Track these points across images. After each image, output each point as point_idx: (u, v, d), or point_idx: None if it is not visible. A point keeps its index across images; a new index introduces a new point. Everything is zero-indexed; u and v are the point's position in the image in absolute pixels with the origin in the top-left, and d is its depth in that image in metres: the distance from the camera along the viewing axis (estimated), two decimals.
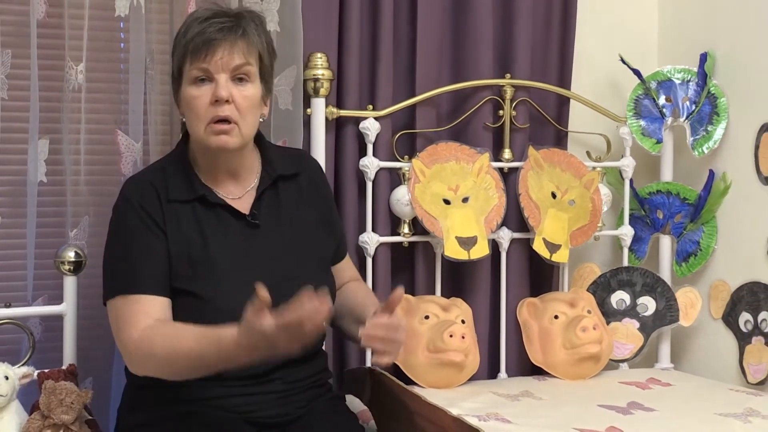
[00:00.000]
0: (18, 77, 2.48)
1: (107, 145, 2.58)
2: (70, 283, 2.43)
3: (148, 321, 2.11)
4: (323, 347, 2.40)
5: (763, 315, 2.93)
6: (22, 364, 2.34)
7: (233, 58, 2.17)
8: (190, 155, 2.27)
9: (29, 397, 2.31)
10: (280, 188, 2.31)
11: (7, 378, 2.23)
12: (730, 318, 3.05)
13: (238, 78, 2.19)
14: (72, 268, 2.42)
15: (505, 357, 2.96)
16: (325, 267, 2.35)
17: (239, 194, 2.26)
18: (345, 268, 2.46)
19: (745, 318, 2.99)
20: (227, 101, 2.15)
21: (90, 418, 2.31)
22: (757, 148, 2.98)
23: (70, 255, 2.42)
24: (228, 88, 2.16)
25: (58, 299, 2.45)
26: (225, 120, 2.16)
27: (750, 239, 2.99)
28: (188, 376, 2.09)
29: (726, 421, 2.48)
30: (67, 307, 2.43)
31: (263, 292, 1.87)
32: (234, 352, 1.97)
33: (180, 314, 2.15)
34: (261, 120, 2.27)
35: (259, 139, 2.33)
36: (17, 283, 2.52)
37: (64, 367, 2.36)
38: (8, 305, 2.40)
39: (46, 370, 2.31)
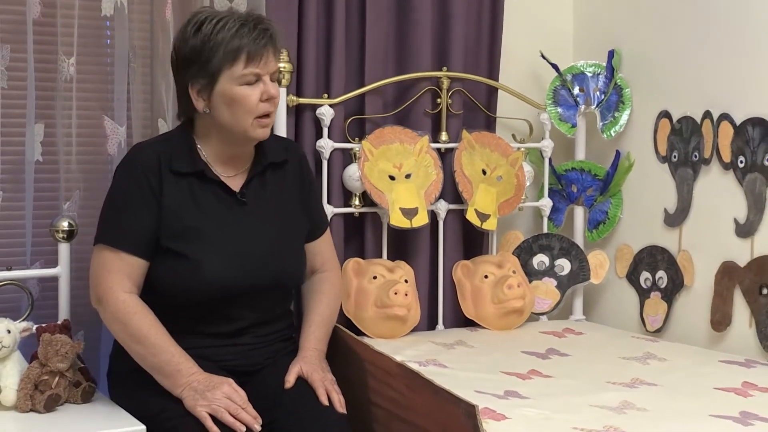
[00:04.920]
0: (16, 69, 2.46)
1: (95, 128, 2.57)
2: (63, 249, 2.43)
3: (130, 284, 2.16)
4: (291, 307, 2.42)
5: (660, 274, 2.98)
6: (23, 320, 2.34)
7: (276, 63, 2.21)
8: (195, 134, 2.26)
9: (29, 348, 2.30)
10: (268, 174, 2.31)
11: (9, 332, 2.22)
12: (632, 276, 3.09)
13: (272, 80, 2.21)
14: (65, 236, 2.41)
15: (442, 311, 2.98)
16: (300, 244, 2.36)
17: (232, 174, 2.27)
18: (318, 250, 2.43)
19: (645, 276, 3.04)
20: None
21: (82, 365, 2.31)
22: (655, 131, 3.01)
23: (64, 224, 2.41)
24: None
25: (53, 263, 2.45)
26: (267, 115, 2.19)
27: (650, 209, 3.03)
28: (133, 355, 2.16)
29: (628, 363, 2.53)
30: (61, 270, 2.43)
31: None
32: (177, 372, 2.09)
33: (169, 271, 2.18)
34: None
35: None
36: (17, 249, 2.52)
37: (59, 322, 2.34)
38: (10, 268, 2.39)
39: (43, 325, 2.30)
